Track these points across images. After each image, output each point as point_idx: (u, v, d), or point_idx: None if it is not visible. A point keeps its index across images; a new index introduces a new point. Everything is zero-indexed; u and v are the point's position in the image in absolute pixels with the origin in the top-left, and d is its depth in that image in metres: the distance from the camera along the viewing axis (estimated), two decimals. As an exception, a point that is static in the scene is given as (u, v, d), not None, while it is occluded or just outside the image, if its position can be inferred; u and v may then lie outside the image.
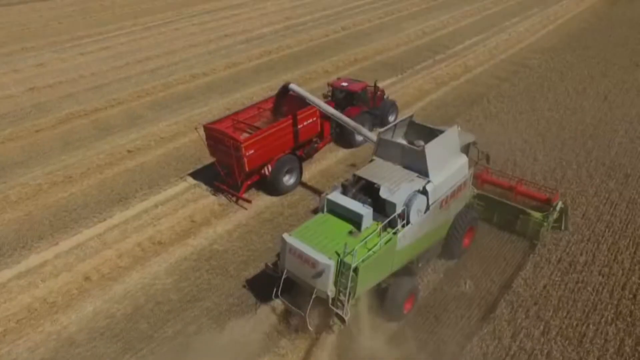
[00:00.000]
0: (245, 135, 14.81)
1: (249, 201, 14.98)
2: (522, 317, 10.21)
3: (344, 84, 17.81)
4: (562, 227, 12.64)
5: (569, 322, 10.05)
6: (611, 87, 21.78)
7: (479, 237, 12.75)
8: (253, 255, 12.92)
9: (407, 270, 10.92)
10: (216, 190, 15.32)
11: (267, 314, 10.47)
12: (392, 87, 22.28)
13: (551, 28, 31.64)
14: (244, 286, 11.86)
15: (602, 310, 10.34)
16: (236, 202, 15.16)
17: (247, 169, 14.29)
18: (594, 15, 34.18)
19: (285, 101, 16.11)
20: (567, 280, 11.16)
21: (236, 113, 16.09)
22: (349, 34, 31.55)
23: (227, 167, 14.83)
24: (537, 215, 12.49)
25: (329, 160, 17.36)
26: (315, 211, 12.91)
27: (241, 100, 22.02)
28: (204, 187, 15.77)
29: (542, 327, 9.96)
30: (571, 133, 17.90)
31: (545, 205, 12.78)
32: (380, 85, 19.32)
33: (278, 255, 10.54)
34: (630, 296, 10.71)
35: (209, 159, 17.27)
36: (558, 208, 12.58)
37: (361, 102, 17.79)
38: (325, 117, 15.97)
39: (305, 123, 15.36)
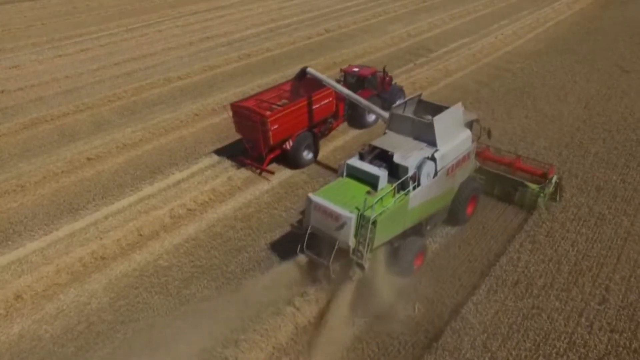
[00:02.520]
0: (269, 112, 16.15)
1: (272, 172, 16.34)
2: (467, 347, 9.52)
3: (355, 69, 19.17)
4: (557, 199, 13.59)
5: (517, 354, 9.34)
6: (594, 94, 20.97)
7: (435, 256, 12.17)
8: (197, 272, 12.31)
9: (416, 231, 12.01)
10: (172, 199, 14.84)
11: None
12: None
13: (539, 31, 30.74)
14: (183, 304, 11.35)
15: (555, 340, 9.62)
16: (259, 174, 16.39)
17: (271, 142, 15.77)
18: (584, 19, 33.26)
19: (303, 83, 17.51)
20: (522, 305, 10.44)
21: (259, 94, 17.61)
22: (332, 37, 30.88)
23: (252, 141, 16.33)
24: (534, 187, 13.52)
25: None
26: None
27: (211, 106, 21.48)
28: (159, 197, 15.21)
29: (487, 359, 9.32)
30: (546, 142, 17.13)
31: (542, 178, 13.67)
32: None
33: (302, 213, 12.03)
34: (587, 324, 9.98)
35: (168, 167, 16.98)
36: (553, 181, 13.54)
37: (371, 86, 18.93)
38: (339, 98, 17.52)
39: (322, 103, 16.83)
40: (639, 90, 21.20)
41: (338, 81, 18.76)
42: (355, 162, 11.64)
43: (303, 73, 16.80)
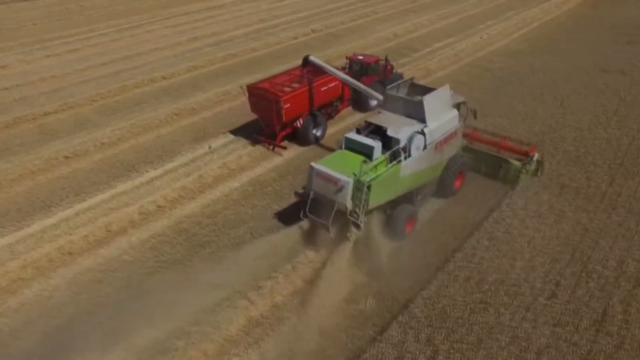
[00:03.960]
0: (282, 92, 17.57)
1: (284, 147, 17.92)
2: (411, 341, 9.70)
3: (360, 57, 20.80)
4: (538, 174, 14.87)
5: (459, 347, 9.51)
6: (570, 93, 21.08)
7: (394, 252, 12.33)
8: (160, 267, 12.58)
9: (408, 200, 13.33)
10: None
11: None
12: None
13: (525, 31, 30.83)
14: (142, 298, 11.52)
15: (498, 334, 9.78)
16: (272, 149, 17.88)
17: (284, 120, 17.28)
18: (572, 18, 33.31)
19: (313, 69, 18.51)
20: (470, 300, 10.62)
21: (273, 77, 18.96)
22: (318, 37, 31.08)
23: (266, 120, 17.90)
24: (516, 163, 14.83)
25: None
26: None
27: (191, 106, 21.77)
28: (131, 194, 15.45)
29: (429, 352, 9.46)
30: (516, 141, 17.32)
31: (524, 156, 14.99)
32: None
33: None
34: (532, 319, 10.14)
35: (143, 165, 17.18)
36: (535, 158, 14.81)
37: (374, 73, 20.40)
38: (345, 83, 18.74)
39: (328, 86, 18.42)
40: (615, 89, 21.35)
41: (343, 68, 20.59)
42: (353, 135, 13.08)
43: (306, 61, 18.14)
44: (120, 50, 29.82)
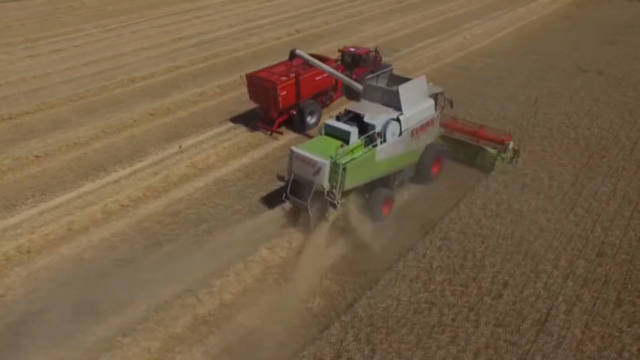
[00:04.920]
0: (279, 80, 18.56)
1: (281, 133, 19.02)
2: (350, 340, 9.72)
3: (352, 49, 21.87)
4: (513, 163, 15.46)
5: (397, 347, 9.53)
6: (545, 92, 21.04)
7: (349, 250, 12.42)
8: (116, 265, 12.61)
9: (385, 184, 14.02)
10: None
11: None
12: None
13: (509, 31, 30.76)
14: (93, 297, 11.58)
15: (438, 334, 9.79)
16: (270, 135, 18.86)
17: (280, 107, 18.26)
18: (557, 18, 33.19)
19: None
20: (415, 300, 10.62)
21: (271, 67, 19.85)
22: (302, 37, 31.11)
23: (264, 107, 18.97)
24: (492, 151, 15.53)
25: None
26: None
27: (167, 106, 21.84)
28: (97, 194, 15.50)
29: (366, 352, 9.47)
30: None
31: (500, 145, 15.60)
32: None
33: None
34: (474, 319, 10.12)
35: (112, 165, 17.23)
36: (510, 147, 15.41)
37: (365, 64, 21.45)
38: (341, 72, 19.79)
39: (322, 76, 19.22)
40: (590, 89, 21.29)
41: (336, 60, 21.77)
42: (332, 122, 13.82)
43: (293, 55, 18.74)
44: (104, 51, 29.97)
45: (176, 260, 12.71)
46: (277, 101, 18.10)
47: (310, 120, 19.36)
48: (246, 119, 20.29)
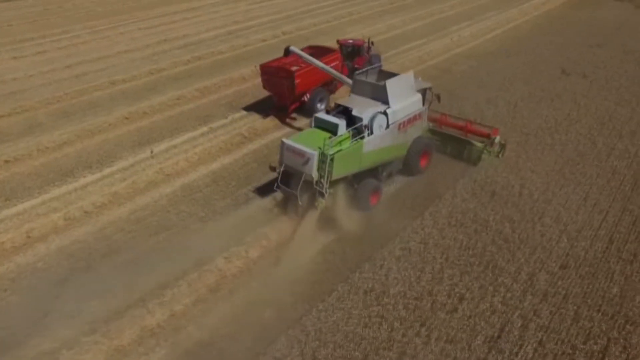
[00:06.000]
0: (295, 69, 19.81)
1: (294, 119, 20.19)
2: (296, 354, 9.46)
3: (350, 41, 23.06)
4: (499, 156, 15.97)
5: (341, 363, 9.28)
6: (525, 96, 20.62)
7: (309, 259, 12.13)
8: (71, 275, 12.38)
9: (373, 175, 14.53)
10: None
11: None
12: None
13: (498, 32, 30.29)
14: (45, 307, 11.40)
15: (386, 350, 9.49)
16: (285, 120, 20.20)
17: (296, 93, 19.48)
18: (548, 20, 32.66)
19: (315, 51, 20.89)
20: (366, 314, 10.32)
21: (280, 58, 20.60)
22: (287, 39, 30.63)
23: (278, 95, 20.30)
24: (478, 145, 16.00)
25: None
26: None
27: (144, 110, 21.58)
28: (62, 200, 15.31)
29: (310, 367, 9.23)
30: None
31: (486, 138, 16.06)
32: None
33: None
34: (426, 334, 9.81)
35: (81, 170, 16.98)
36: (496, 140, 15.88)
37: (363, 53, 22.66)
38: (342, 63, 21.24)
39: (331, 65, 19.92)
40: (573, 92, 20.86)
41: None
42: (321, 115, 14.45)
43: (287, 51, 19.61)
44: (89, 53, 29.77)
45: (133, 269, 12.49)
46: (293, 89, 19.29)
47: (320, 106, 20.43)
48: (222, 123, 20.15)
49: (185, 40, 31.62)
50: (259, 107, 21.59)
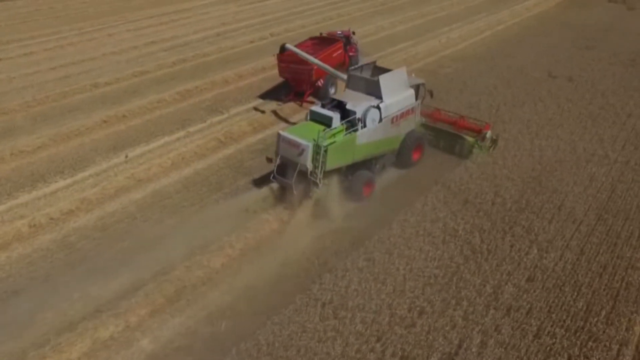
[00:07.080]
0: None
1: (312, 102, 20.60)
2: (245, 370, 9.20)
3: (339, 32, 24.08)
4: (490, 151, 16.39)
5: (291, 380, 8.99)
6: (509, 99, 20.28)
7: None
8: (30, 284, 12.14)
9: (367, 167, 15.04)
10: None
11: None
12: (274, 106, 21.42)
13: (487, 34, 29.92)
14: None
15: (338, 365, 9.23)
16: (300, 105, 21.29)
17: (313, 78, 21.06)
18: (539, 21, 32.27)
19: (323, 41, 22.87)
20: (321, 328, 9.99)
21: (296, 45, 21.49)
22: (274, 41, 30.29)
23: (295, 82, 21.75)
24: (470, 139, 16.46)
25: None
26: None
27: (123, 113, 21.34)
28: (30, 206, 15.00)
29: (257, 384, 8.95)
30: (435, 149, 16.70)
31: (478, 133, 16.58)
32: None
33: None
34: (381, 350, 9.49)
35: (53, 175, 16.67)
36: (488, 135, 16.44)
37: (352, 43, 23.71)
38: (344, 52, 22.75)
39: (337, 52, 22.18)
40: (557, 96, 20.47)
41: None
42: (317, 108, 14.86)
43: (283, 49, 20.57)
44: (74, 55, 29.56)
45: (92, 279, 12.24)
46: (311, 75, 20.62)
47: (332, 91, 21.77)
48: (199, 127, 19.91)
49: (173, 42, 31.36)
50: (238, 111, 21.44)
